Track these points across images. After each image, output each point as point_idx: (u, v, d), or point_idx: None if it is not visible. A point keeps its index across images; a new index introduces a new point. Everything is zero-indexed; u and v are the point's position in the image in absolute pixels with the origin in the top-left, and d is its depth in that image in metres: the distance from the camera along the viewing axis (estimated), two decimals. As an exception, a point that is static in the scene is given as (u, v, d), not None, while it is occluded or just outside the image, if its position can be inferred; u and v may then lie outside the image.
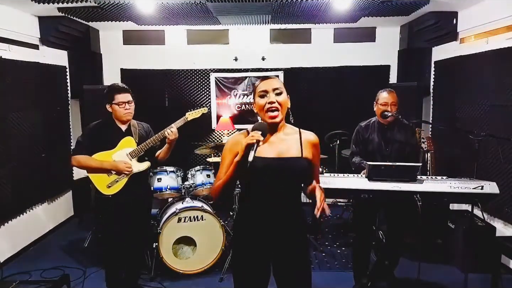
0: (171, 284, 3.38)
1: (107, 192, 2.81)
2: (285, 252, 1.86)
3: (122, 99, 2.80)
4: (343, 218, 5.03)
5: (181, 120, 2.92)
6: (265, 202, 1.82)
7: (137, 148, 2.85)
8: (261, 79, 1.86)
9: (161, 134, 2.85)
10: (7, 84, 3.78)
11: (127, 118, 2.86)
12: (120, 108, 2.80)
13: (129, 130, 2.90)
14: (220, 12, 4.31)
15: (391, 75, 5.50)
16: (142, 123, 3.03)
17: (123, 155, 2.84)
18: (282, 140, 1.86)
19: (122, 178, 2.83)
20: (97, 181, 2.82)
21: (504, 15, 3.55)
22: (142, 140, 2.88)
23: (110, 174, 2.82)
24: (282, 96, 1.82)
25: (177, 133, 2.85)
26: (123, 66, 5.52)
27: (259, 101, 1.82)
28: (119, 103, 2.79)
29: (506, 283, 3.29)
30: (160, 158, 2.99)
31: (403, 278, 3.31)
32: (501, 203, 3.47)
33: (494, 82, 3.69)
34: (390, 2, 3.92)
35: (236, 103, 5.59)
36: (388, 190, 2.63)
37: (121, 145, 2.85)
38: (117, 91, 2.81)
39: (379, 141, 3.05)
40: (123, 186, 2.83)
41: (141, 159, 2.91)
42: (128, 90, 2.85)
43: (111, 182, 2.82)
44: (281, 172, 1.79)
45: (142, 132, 2.96)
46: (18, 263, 3.80)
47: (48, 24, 4.37)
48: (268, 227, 1.83)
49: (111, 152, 2.83)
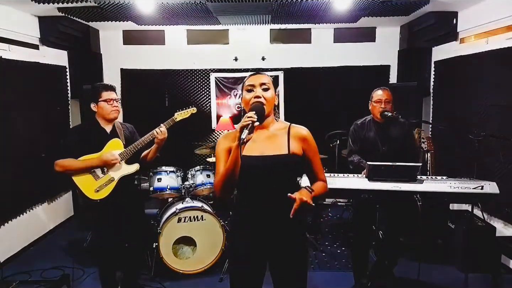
0: (171, 284, 3.38)
1: (95, 197, 2.70)
2: (281, 250, 1.85)
3: (109, 96, 2.74)
4: (343, 218, 5.03)
5: (170, 121, 2.85)
6: (256, 201, 1.81)
7: (126, 150, 2.76)
8: (250, 74, 1.86)
9: (150, 135, 2.77)
10: (7, 84, 3.78)
11: (114, 115, 2.78)
12: (108, 105, 2.73)
13: (114, 131, 2.82)
14: (220, 12, 4.31)
15: (391, 75, 5.50)
16: (125, 124, 2.96)
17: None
18: (268, 137, 1.84)
19: (112, 181, 2.74)
20: (83, 186, 2.70)
21: (504, 15, 3.55)
22: (128, 141, 2.80)
23: (97, 177, 2.72)
24: (269, 92, 1.81)
25: (166, 133, 2.76)
26: (123, 66, 5.53)
27: (246, 96, 1.82)
28: (107, 100, 2.72)
29: (506, 283, 3.30)
30: (149, 159, 2.88)
31: (403, 278, 3.31)
32: (501, 203, 3.47)
33: (494, 82, 3.69)
34: (390, 2, 3.91)
35: (236, 103, 5.59)
36: (388, 190, 2.63)
37: (108, 147, 2.75)
38: (103, 89, 2.75)
39: (375, 139, 3.06)
40: (112, 190, 2.73)
41: (129, 161, 2.83)
42: (114, 88, 2.81)
43: (99, 186, 2.71)
44: (265, 170, 1.77)
45: (127, 133, 2.89)
46: (18, 263, 3.79)
47: (48, 24, 4.36)
48: (262, 226, 1.82)
49: (97, 154, 2.72)
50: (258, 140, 1.81)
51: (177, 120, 2.91)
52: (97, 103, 2.75)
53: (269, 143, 1.82)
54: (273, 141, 1.83)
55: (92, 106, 2.77)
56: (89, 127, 2.82)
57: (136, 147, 2.77)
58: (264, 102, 1.78)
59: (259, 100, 1.78)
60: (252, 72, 1.89)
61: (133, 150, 2.77)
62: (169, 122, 2.84)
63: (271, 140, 1.83)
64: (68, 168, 2.68)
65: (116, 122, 2.88)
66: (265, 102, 1.79)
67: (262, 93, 1.79)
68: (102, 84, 2.82)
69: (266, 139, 1.84)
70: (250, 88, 1.81)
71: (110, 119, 2.80)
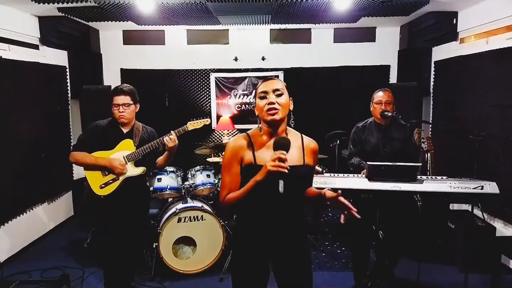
0: (171, 284, 3.38)
1: (99, 192, 2.77)
2: (286, 254, 1.85)
3: (117, 101, 2.73)
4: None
5: (181, 129, 2.86)
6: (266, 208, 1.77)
7: (134, 152, 2.79)
8: (263, 80, 1.81)
9: (159, 141, 2.79)
10: (7, 84, 3.78)
11: (121, 121, 2.78)
12: (115, 111, 2.75)
13: (130, 133, 2.85)
14: (220, 12, 4.31)
15: (391, 75, 5.51)
16: (147, 127, 2.97)
17: (119, 157, 2.78)
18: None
19: (116, 180, 2.78)
20: (91, 180, 2.79)
21: (504, 15, 3.55)
22: (142, 144, 2.82)
23: (105, 174, 2.78)
24: (283, 97, 1.76)
25: (176, 141, 2.77)
26: (123, 66, 5.53)
27: (259, 103, 1.77)
28: (115, 105, 2.74)
29: (506, 283, 3.29)
30: (159, 165, 2.93)
31: (403, 278, 3.31)
32: (501, 203, 3.47)
33: (494, 82, 3.68)
34: (390, 2, 3.91)
35: (236, 103, 5.59)
36: (388, 190, 2.63)
37: (120, 147, 2.80)
38: (114, 93, 2.76)
39: (376, 141, 3.06)
40: (115, 188, 2.78)
41: (138, 164, 2.84)
42: (126, 92, 2.76)
43: (104, 182, 2.78)
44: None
45: (145, 136, 2.90)
46: (18, 263, 3.79)
47: (48, 24, 4.36)
48: (269, 231, 1.80)
49: (109, 152, 2.78)
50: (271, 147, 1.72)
51: (188, 129, 2.92)
52: (111, 107, 2.77)
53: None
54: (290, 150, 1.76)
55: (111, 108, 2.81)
56: (108, 125, 2.84)
57: (143, 151, 2.79)
58: (279, 108, 1.73)
59: (273, 106, 1.72)
60: (265, 77, 1.83)
61: (141, 153, 2.80)
62: (179, 131, 2.84)
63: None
64: (79, 161, 2.80)
65: (137, 123, 2.90)
66: (280, 108, 1.73)
67: (276, 99, 1.73)
68: (116, 87, 2.80)
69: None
70: (263, 95, 1.75)
71: (122, 123, 2.81)
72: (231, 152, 1.77)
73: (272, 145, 1.69)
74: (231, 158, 1.77)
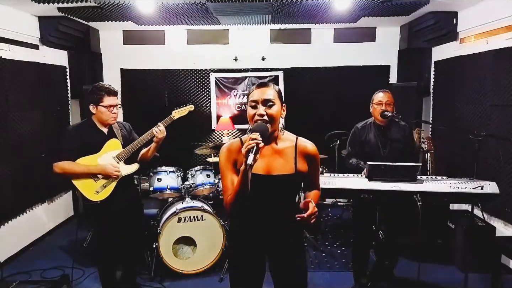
0: (171, 284, 3.38)
1: (95, 198, 2.65)
2: (281, 253, 1.86)
3: (111, 102, 2.65)
4: (343, 218, 5.03)
5: (168, 119, 2.84)
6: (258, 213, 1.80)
7: (125, 150, 2.73)
8: (256, 86, 1.78)
9: (149, 134, 2.75)
10: (7, 84, 3.78)
11: (112, 122, 2.73)
12: (108, 112, 2.66)
13: (111, 132, 2.77)
14: (220, 12, 4.31)
15: (391, 75, 5.50)
16: (122, 123, 2.92)
17: (109, 158, 2.69)
18: (275, 152, 1.79)
19: (111, 182, 2.69)
20: (83, 188, 2.65)
21: (504, 15, 3.55)
22: (125, 141, 2.78)
23: (97, 179, 2.67)
24: (274, 108, 1.72)
25: (165, 132, 2.75)
26: (123, 66, 5.53)
27: (250, 111, 1.76)
28: (108, 106, 2.65)
29: (506, 283, 3.29)
30: (148, 158, 2.87)
31: (403, 278, 3.32)
32: (501, 203, 3.47)
33: (494, 82, 3.68)
34: (390, 2, 3.91)
35: (236, 103, 5.59)
36: (388, 190, 2.64)
37: (106, 148, 2.70)
38: (107, 93, 2.65)
39: (376, 142, 3.06)
40: (112, 190, 2.69)
41: (128, 161, 2.80)
42: (116, 92, 2.72)
43: (99, 187, 2.67)
44: (271, 191, 1.76)
45: (124, 132, 2.86)
46: (18, 263, 3.79)
47: (48, 24, 4.36)
48: (263, 231, 1.82)
49: (96, 156, 2.67)
50: (265, 155, 1.76)
51: (175, 118, 2.90)
52: (97, 106, 2.67)
53: (276, 161, 1.78)
54: (280, 158, 1.78)
55: (91, 107, 2.69)
56: (86, 128, 2.74)
57: (134, 147, 2.75)
58: (267, 120, 1.71)
59: (263, 119, 1.70)
60: (259, 83, 1.81)
61: (131, 150, 2.75)
62: (167, 121, 2.84)
63: (278, 157, 1.79)
64: (68, 171, 2.63)
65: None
66: (270, 119, 1.71)
67: (266, 110, 1.71)
68: (106, 87, 2.68)
69: (273, 155, 1.79)
70: (254, 104, 1.74)
71: (108, 124, 2.75)
72: (225, 157, 1.80)
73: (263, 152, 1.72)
74: (225, 162, 1.79)
